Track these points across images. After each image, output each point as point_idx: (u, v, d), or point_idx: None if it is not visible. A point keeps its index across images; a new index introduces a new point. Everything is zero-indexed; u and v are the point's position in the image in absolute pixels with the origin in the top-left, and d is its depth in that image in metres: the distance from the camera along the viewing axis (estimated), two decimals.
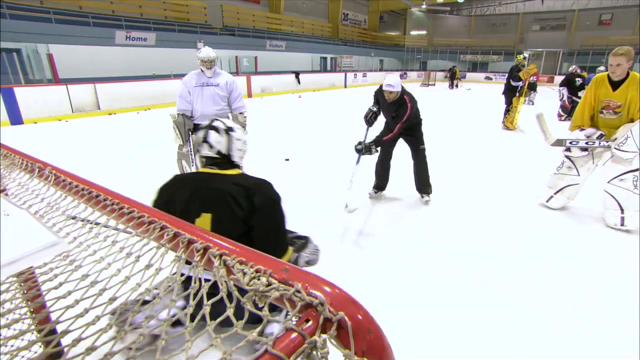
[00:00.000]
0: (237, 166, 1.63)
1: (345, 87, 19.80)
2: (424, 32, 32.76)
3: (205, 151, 1.58)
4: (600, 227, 3.28)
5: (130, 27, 12.41)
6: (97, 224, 0.69)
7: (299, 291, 0.42)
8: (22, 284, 0.87)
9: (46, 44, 10.23)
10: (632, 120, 3.10)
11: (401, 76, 26.30)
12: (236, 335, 0.41)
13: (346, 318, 0.39)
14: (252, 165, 4.65)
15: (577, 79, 7.32)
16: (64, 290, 0.54)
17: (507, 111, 7.65)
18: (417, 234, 3.05)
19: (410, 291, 2.25)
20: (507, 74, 7.67)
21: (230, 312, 0.44)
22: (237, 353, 0.36)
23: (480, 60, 29.92)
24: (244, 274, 0.46)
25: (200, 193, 1.49)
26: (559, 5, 27.07)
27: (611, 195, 3.24)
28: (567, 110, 7.73)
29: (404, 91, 3.34)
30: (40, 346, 1.19)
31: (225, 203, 1.44)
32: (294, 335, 0.38)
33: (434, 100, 14.21)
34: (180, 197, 1.51)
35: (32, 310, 0.94)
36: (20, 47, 10.03)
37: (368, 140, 3.29)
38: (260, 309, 0.42)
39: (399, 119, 3.27)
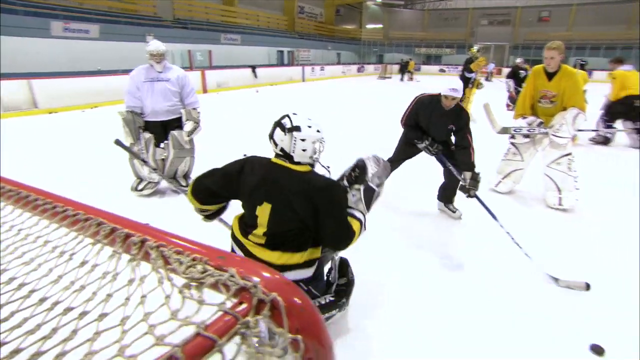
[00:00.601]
0: (300, 162, 1.56)
1: (304, 80, 19.74)
2: (380, 26, 33.35)
3: (272, 147, 1.59)
4: (542, 208, 3.55)
5: (69, 18, 11.43)
6: None
7: (233, 276, 0.43)
8: None
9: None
10: (565, 109, 3.36)
11: (359, 69, 26.67)
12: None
13: (279, 298, 0.41)
14: (208, 160, 4.55)
15: (521, 71, 7.78)
16: None
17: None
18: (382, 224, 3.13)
19: (372, 281, 2.31)
20: (462, 66, 8.02)
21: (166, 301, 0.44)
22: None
23: (434, 53, 30.99)
24: (181, 263, 0.46)
25: (267, 183, 1.52)
26: (504, 2, 28.71)
27: (550, 178, 3.51)
28: (514, 100, 8.22)
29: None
30: None
31: (287, 200, 1.48)
32: (227, 317, 0.39)
33: (391, 92, 14.59)
34: (249, 180, 1.55)
35: None
36: None
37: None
38: None
39: (462, 131, 2.85)
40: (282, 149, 1.54)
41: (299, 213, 1.47)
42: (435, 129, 2.98)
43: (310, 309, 0.43)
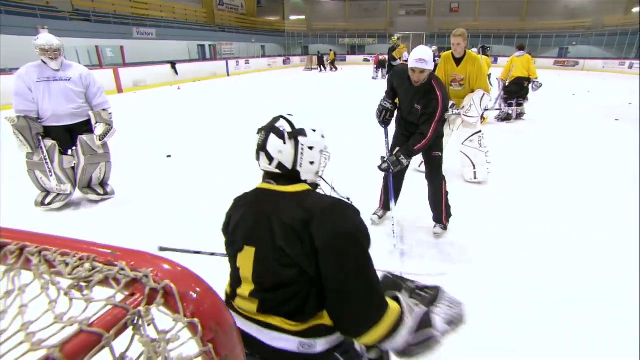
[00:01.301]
0: (305, 181, 1.12)
1: (228, 75, 19.14)
2: (303, 17, 33.42)
3: (263, 164, 1.10)
4: (460, 182, 3.90)
5: None
6: None
7: (122, 269, 0.42)
8: None
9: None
10: (473, 91, 3.71)
11: (284, 62, 26.52)
12: None
13: (172, 285, 0.41)
14: (128, 165, 4.26)
15: (436, 58, 8.40)
16: None
17: None
18: None
19: None
20: (386, 55, 8.48)
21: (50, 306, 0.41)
22: None
23: (357, 43, 31.91)
24: (66, 264, 0.43)
25: (247, 218, 1.06)
26: None
27: (465, 155, 3.87)
28: None
29: (432, 74, 2.48)
30: None
31: (271, 234, 0.98)
32: (116, 311, 0.38)
33: (318, 83, 14.80)
34: (232, 222, 1.11)
35: None
36: None
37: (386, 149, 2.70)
38: None
39: (427, 117, 2.43)
40: (279, 164, 1.08)
41: (291, 251, 0.94)
42: (404, 107, 2.67)
43: (206, 291, 0.44)
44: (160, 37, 17.62)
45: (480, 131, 3.86)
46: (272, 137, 1.08)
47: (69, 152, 3.19)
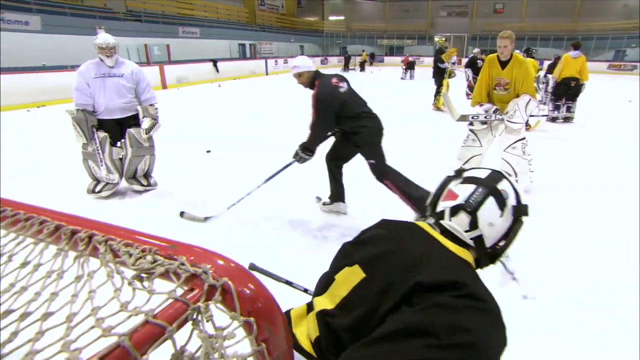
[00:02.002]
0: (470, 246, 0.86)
1: (267, 74, 19.50)
2: (342, 18, 33.42)
3: (458, 225, 0.85)
4: None
5: (5, 8, 10.49)
6: None
7: (183, 264, 0.43)
8: None
9: None
10: (518, 95, 3.54)
11: (322, 62, 26.66)
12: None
13: (230, 283, 0.42)
14: (169, 158, 4.43)
15: (478, 60, 8.10)
16: None
17: (437, 93, 8.20)
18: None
19: None
20: (432, 58, 8.29)
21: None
22: None
23: (396, 44, 31.51)
24: (130, 255, 0.45)
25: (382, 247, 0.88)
26: None
27: (506, 162, 3.71)
28: (473, 89, 8.58)
29: (317, 75, 2.74)
30: None
31: (389, 277, 0.77)
32: (177, 305, 0.39)
33: (357, 84, 14.72)
34: (365, 239, 0.95)
35: None
36: None
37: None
38: None
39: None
40: (478, 238, 0.84)
41: (383, 305, 0.73)
42: None
43: (262, 291, 0.44)
44: (203, 36, 18.24)
45: (524, 138, 3.68)
46: (490, 202, 0.83)
47: (118, 144, 3.38)
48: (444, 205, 0.89)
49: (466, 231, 0.83)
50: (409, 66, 17.01)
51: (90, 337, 0.37)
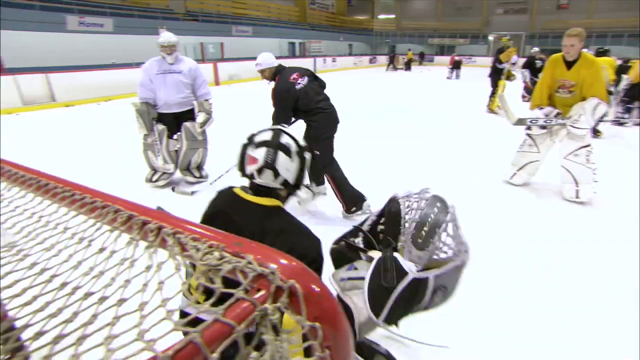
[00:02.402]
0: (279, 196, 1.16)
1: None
2: (392, 16, 32.86)
3: (266, 179, 1.11)
4: (558, 200, 3.47)
5: (84, 12, 11.67)
6: None
7: (250, 262, 0.42)
8: None
9: None
10: (584, 99, 3.26)
11: (371, 60, 26.39)
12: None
13: (297, 285, 0.41)
14: (221, 152, 4.58)
15: (537, 61, 7.59)
16: (10, 279, 0.52)
17: (492, 94, 7.82)
18: None
19: None
20: (485, 58, 7.92)
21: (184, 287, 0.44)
22: None
23: (447, 43, 30.35)
24: (197, 250, 0.46)
25: (226, 222, 1.10)
26: None
27: (567, 170, 3.42)
28: (530, 91, 8.05)
29: (279, 69, 3.00)
30: None
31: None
32: (245, 304, 0.39)
33: (403, 83, 14.42)
34: (207, 216, 1.18)
35: None
36: None
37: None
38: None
39: None
40: (284, 182, 1.12)
41: None
42: None
43: (328, 296, 0.43)
44: (255, 35, 18.76)
45: (589, 145, 3.37)
46: (281, 155, 1.10)
47: (174, 136, 3.56)
48: (250, 169, 1.13)
49: (274, 181, 1.11)
50: (455, 65, 17.05)
51: (162, 328, 0.38)
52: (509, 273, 2.33)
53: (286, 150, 1.12)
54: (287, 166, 1.11)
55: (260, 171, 1.11)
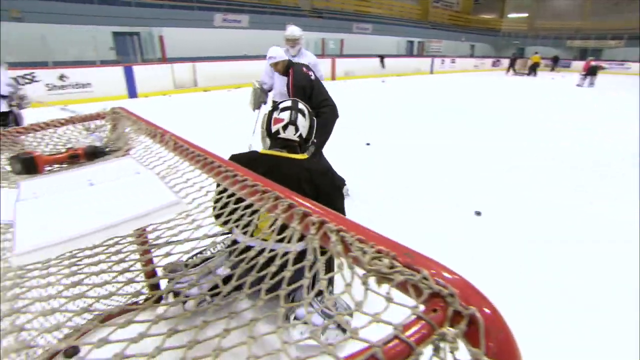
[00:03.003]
0: (305, 150, 1.65)
1: (431, 72, 18.81)
2: (525, 15, 29.42)
3: (289, 133, 1.58)
4: (558, 200, 2.76)
5: (228, 10, 13.25)
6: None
7: (426, 279, 0.39)
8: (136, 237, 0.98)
9: (159, 27, 11.45)
10: None
11: (493, 63, 24.15)
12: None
13: (478, 314, 0.36)
14: (332, 148, 4.71)
15: None
16: (188, 246, 0.59)
17: None
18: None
19: None
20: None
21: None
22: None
23: (592, 46, 25.84)
24: (364, 252, 0.45)
25: (273, 177, 1.37)
26: None
27: None
28: None
29: (290, 63, 3.14)
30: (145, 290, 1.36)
31: (298, 188, 1.40)
32: (421, 324, 0.36)
33: (532, 91, 12.81)
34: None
35: (144, 263, 1.05)
36: (139, 31, 11.42)
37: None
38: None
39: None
40: (300, 135, 1.60)
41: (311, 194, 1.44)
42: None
43: (508, 332, 0.37)
44: (375, 33, 18.74)
45: None
46: (300, 116, 1.61)
47: None
48: (276, 127, 1.60)
49: (294, 135, 1.59)
50: (590, 72, 14.48)
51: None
52: (509, 273, 2.30)
53: (303, 113, 1.62)
54: (303, 124, 1.61)
55: (285, 127, 1.58)
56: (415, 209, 3.17)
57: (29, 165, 1.12)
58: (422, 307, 0.38)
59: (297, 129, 1.58)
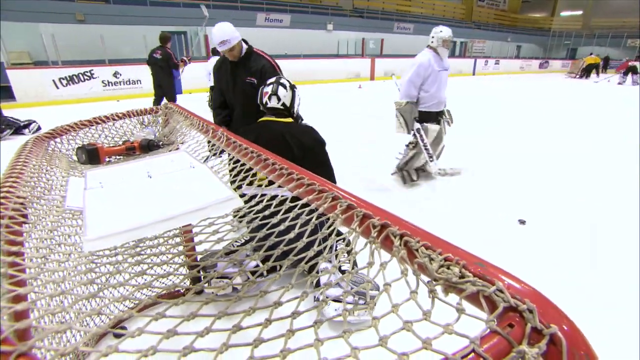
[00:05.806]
0: (291, 116, 1.98)
1: (474, 74, 18.15)
2: (579, 13, 27.65)
3: (273, 103, 1.94)
4: (558, 200, 2.41)
5: (270, 10, 13.52)
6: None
7: (501, 291, 0.37)
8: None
9: (203, 27, 11.88)
10: None
11: (541, 65, 22.90)
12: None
13: (560, 334, 0.34)
14: (365, 153, 4.69)
15: None
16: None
17: None
18: None
19: None
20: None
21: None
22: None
23: None
24: (431, 259, 0.43)
25: (263, 136, 1.82)
26: None
27: None
28: None
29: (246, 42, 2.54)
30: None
31: (283, 142, 1.81)
32: (497, 339, 0.34)
33: (585, 97, 12.02)
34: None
35: (186, 255, 1.09)
36: (186, 30, 11.91)
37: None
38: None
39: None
40: (283, 104, 1.93)
41: (294, 153, 1.79)
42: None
43: (594, 356, 0.35)
44: (416, 33, 18.36)
45: None
46: (280, 87, 1.95)
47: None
48: (264, 99, 1.99)
49: (277, 103, 1.95)
50: (630, 69, 14.78)
51: (402, 337, 0.37)
52: (556, 288, 2.02)
53: (284, 85, 1.96)
54: (284, 94, 1.95)
55: (270, 98, 1.94)
56: (455, 216, 3.07)
57: (93, 155, 1.19)
58: (495, 321, 0.36)
59: (278, 98, 1.93)
